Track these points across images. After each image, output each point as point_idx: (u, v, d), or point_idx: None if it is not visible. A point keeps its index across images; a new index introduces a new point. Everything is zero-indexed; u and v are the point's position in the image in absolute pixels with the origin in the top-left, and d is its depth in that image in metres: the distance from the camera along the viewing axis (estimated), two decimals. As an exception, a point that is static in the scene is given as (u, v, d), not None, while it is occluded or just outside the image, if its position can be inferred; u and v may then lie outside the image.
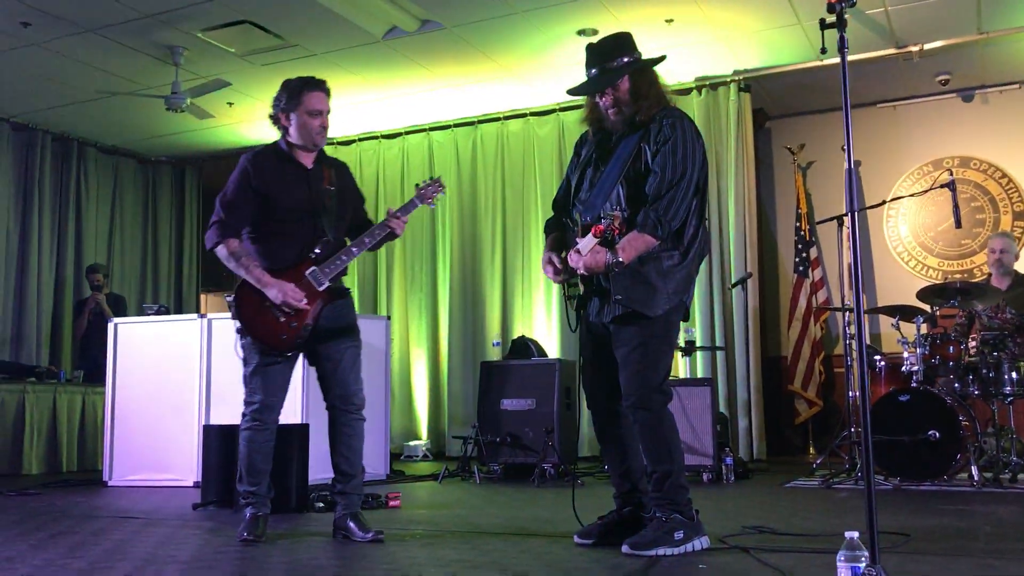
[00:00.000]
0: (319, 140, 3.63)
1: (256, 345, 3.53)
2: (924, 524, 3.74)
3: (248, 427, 3.60)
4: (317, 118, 3.58)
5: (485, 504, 4.97)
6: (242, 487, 3.62)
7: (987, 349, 5.40)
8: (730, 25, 6.89)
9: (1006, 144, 7.92)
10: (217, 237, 3.53)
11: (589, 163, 3.38)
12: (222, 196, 3.59)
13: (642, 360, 3.18)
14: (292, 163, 3.62)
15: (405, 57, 7.41)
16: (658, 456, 3.19)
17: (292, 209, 3.55)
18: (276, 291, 3.44)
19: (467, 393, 8.23)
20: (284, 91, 3.61)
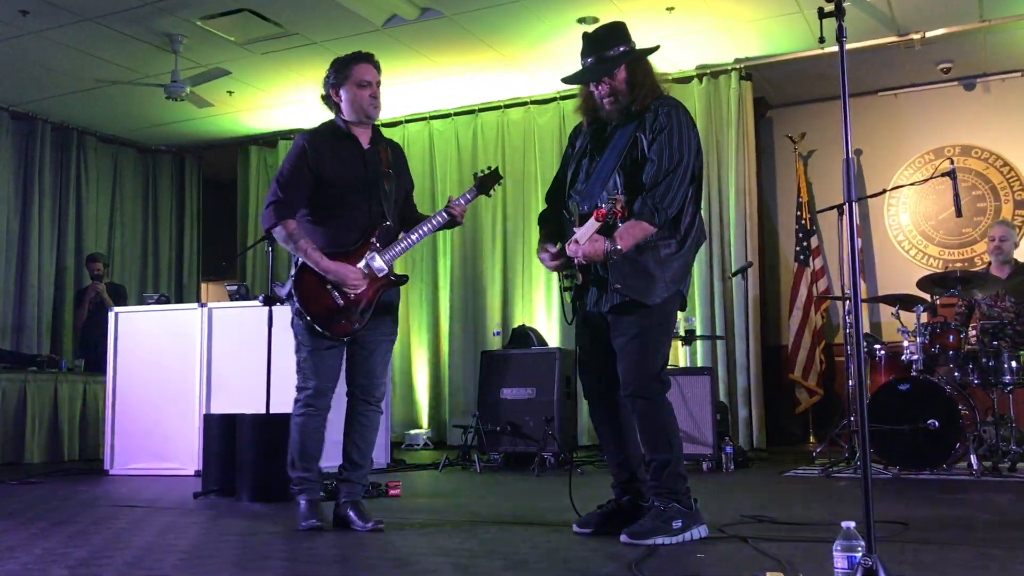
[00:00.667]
0: (371, 112, 3.59)
1: (311, 329, 3.47)
2: (922, 513, 3.74)
3: (301, 413, 3.54)
4: (367, 88, 3.55)
5: (485, 493, 4.98)
6: (295, 473, 3.56)
7: (987, 338, 5.40)
8: (731, 13, 6.86)
9: (1008, 132, 7.90)
10: (274, 218, 3.48)
11: (584, 154, 3.38)
12: (278, 176, 3.55)
13: (640, 349, 3.18)
14: (349, 140, 3.58)
15: (405, 46, 7.39)
16: (656, 445, 3.19)
17: (349, 189, 3.51)
18: (336, 275, 3.42)
19: (468, 382, 8.24)
20: (332, 68, 3.60)
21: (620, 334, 3.21)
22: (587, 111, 3.40)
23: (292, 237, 3.46)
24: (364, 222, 3.53)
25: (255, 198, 9.85)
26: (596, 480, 5.47)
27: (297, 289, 3.48)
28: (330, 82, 3.59)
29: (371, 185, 3.55)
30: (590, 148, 3.37)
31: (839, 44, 2.20)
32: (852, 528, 2.08)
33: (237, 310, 6.12)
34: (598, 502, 3.42)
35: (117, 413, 6.25)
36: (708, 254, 7.69)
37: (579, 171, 3.37)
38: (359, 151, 3.59)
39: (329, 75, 3.60)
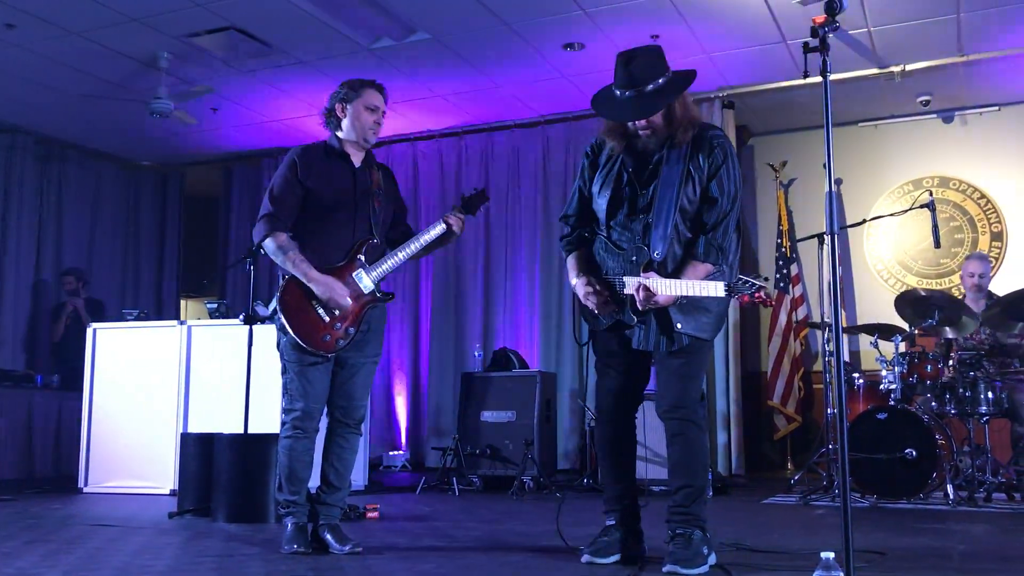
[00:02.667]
0: (371, 136, 3.63)
1: (297, 345, 3.45)
2: (899, 542, 3.76)
3: (289, 435, 3.51)
4: (373, 114, 3.60)
5: (464, 516, 4.96)
6: (282, 496, 3.54)
7: (964, 369, 5.45)
8: (715, 42, 6.94)
9: (985, 165, 8.01)
10: (266, 230, 3.49)
11: (620, 181, 3.20)
12: (269, 190, 3.57)
13: (692, 373, 3.21)
14: (341, 159, 3.61)
15: (391, 66, 7.41)
16: (695, 470, 3.19)
17: (338, 206, 3.53)
18: (323, 288, 3.42)
19: (447, 404, 8.21)
20: (345, 85, 3.64)
21: (671, 360, 3.18)
22: (618, 136, 3.23)
23: (282, 249, 3.46)
24: (351, 240, 3.54)
25: (237, 216, 9.82)
26: (576, 505, 5.46)
27: (282, 303, 3.47)
28: (339, 96, 3.61)
29: (360, 204, 3.56)
30: (630, 176, 3.20)
31: (823, 79, 2.23)
32: (831, 559, 2.09)
33: (217, 328, 6.09)
34: (584, 527, 3.42)
35: (92, 430, 6.19)
36: (689, 280, 7.73)
37: (619, 200, 3.20)
38: (350, 170, 3.61)
39: (340, 91, 3.63)
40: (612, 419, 3.36)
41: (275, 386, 3.83)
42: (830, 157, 2.23)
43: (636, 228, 3.16)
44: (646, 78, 3.12)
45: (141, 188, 10.28)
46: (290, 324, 3.44)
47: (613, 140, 3.24)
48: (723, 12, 6.45)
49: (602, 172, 3.26)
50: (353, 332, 3.50)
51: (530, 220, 8.45)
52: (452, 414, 7.08)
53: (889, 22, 6.52)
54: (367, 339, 3.59)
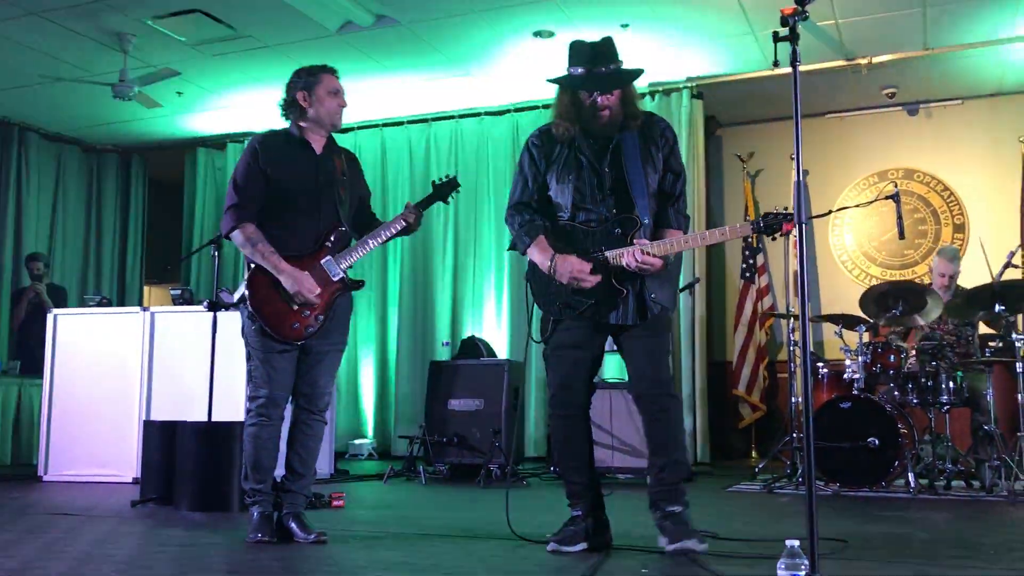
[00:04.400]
0: (337, 121, 3.61)
1: (264, 334, 3.43)
2: (862, 530, 3.80)
3: (254, 423, 3.48)
4: (337, 97, 3.59)
5: (430, 505, 4.95)
6: (248, 485, 3.50)
7: (926, 359, 5.52)
8: (684, 32, 6.95)
9: (948, 158, 8.11)
10: (233, 222, 3.47)
11: (581, 165, 3.26)
12: (233, 181, 3.54)
13: (666, 347, 3.32)
14: (303, 146, 3.58)
15: (359, 52, 7.35)
16: (676, 444, 3.26)
17: (303, 193, 3.51)
18: (292, 281, 3.40)
19: (415, 392, 8.19)
20: (302, 74, 3.59)
21: (645, 337, 3.25)
22: (570, 119, 3.27)
23: (250, 240, 3.44)
24: (318, 227, 3.52)
25: (202, 200, 9.70)
26: (541, 493, 5.47)
27: (251, 292, 3.44)
28: (299, 85, 3.56)
29: (325, 191, 3.54)
30: (589, 159, 3.26)
31: (793, 68, 2.23)
32: (796, 546, 2.10)
33: (181, 315, 6.02)
34: (550, 515, 3.42)
35: (53, 417, 6.09)
36: (657, 269, 7.75)
37: (582, 182, 3.25)
38: (313, 157, 3.58)
39: (297, 81, 3.58)
40: (577, 412, 3.36)
41: (240, 374, 3.80)
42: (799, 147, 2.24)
43: (608, 206, 3.24)
44: (615, 56, 3.24)
45: (104, 172, 10.12)
46: (258, 312, 3.42)
47: (566, 123, 3.28)
48: (692, 2, 6.46)
49: (558, 160, 3.30)
50: (321, 320, 3.48)
51: (499, 208, 8.42)
52: (419, 403, 7.05)
53: (856, 14, 6.58)
54: (332, 327, 3.55)
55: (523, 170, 3.38)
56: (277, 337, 3.42)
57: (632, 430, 5.99)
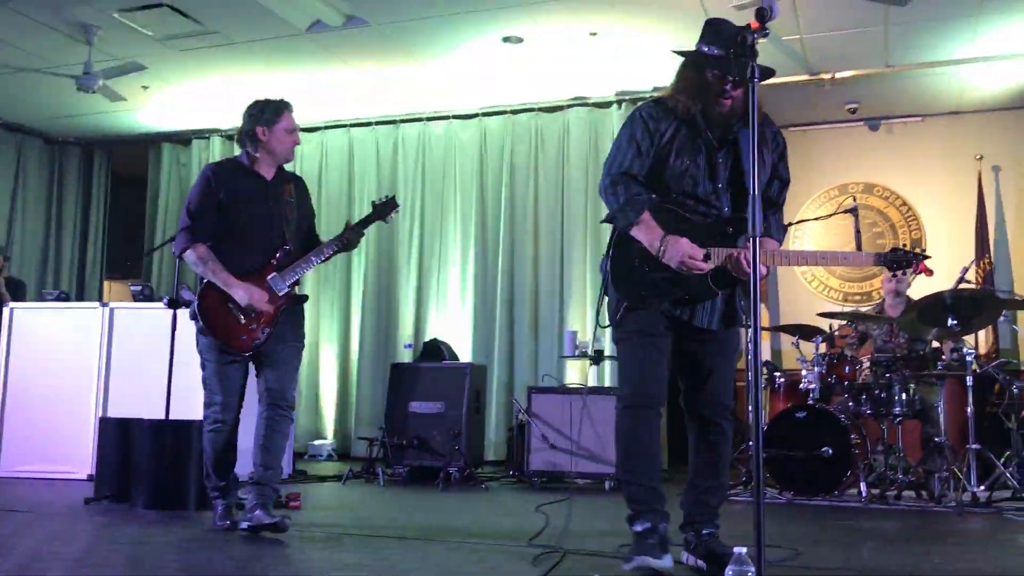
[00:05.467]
0: (291, 156, 3.93)
1: (215, 346, 3.71)
2: (814, 538, 3.87)
3: (211, 428, 3.76)
4: (292, 135, 3.89)
5: (388, 507, 4.95)
6: (211, 483, 3.83)
7: (879, 371, 5.61)
8: (651, 42, 7.01)
9: (907, 173, 8.26)
10: (186, 242, 3.73)
11: (695, 148, 3.00)
12: (187, 205, 3.80)
13: (735, 369, 3.16)
14: (253, 176, 3.85)
15: (328, 52, 7.33)
16: (726, 468, 3.14)
17: (254, 218, 3.78)
18: (243, 293, 3.66)
19: (376, 394, 8.17)
20: (260, 108, 3.85)
21: (725, 353, 3.09)
22: (693, 97, 2.99)
23: (203, 259, 3.70)
24: (266, 247, 3.79)
25: (166, 196, 9.60)
26: (500, 497, 5.49)
27: (201, 307, 3.71)
28: (260, 120, 3.83)
29: (273, 214, 3.82)
30: (708, 144, 3.00)
31: (751, 86, 2.28)
32: (743, 554, 2.14)
33: (140, 311, 5.96)
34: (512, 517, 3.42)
35: (7, 412, 6.00)
36: (620, 276, 7.81)
37: (697, 168, 2.99)
38: (263, 183, 3.86)
39: (256, 114, 3.85)
40: (656, 407, 3.01)
41: (197, 372, 3.85)
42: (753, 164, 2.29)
43: (722, 200, 3.02)
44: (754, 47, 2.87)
45: (66, 165, 9.99)
46: (209, 326, 3.70)
47: (688, 100, 2.99)
48: (660, 13, 6.52)
49: (676, 136, 3.00)
50: (268, 332, 3.73)
51: (465, 211, 8.44)
52: (380, 405, 7.04)
53: (820, 31, 6.68)
54: (284, 330, 3.80)
55: (635, 138, 3.03)
56: (227, 349, 3.70)
57: (592, 436, 6.03)
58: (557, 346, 7.70)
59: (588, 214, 7.95)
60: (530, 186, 8.25)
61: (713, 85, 2.94)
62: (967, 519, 4.77)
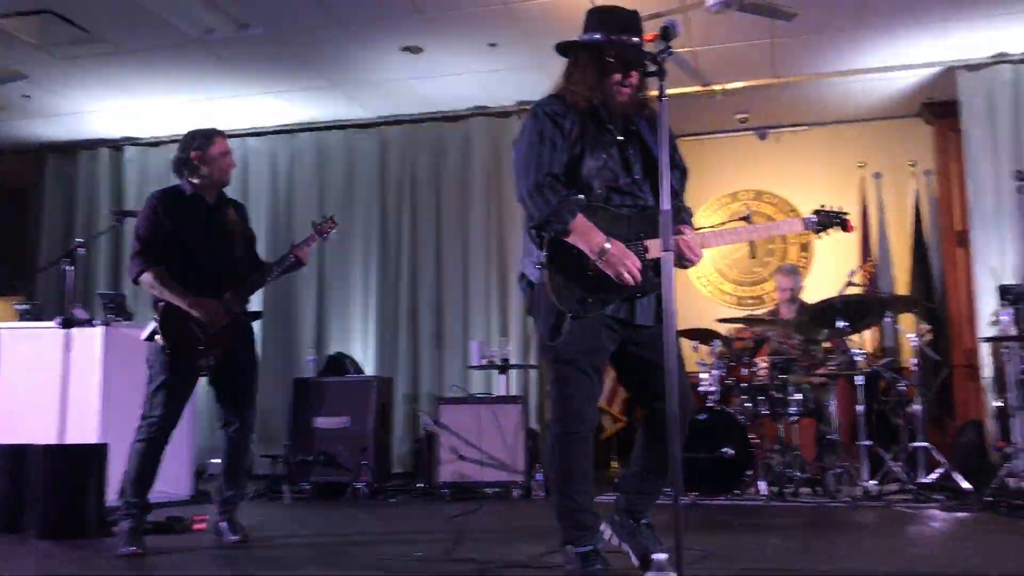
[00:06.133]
0: (227, 178, 4.12)
1: (168, 362, 3.82)
2: (721, 539, 3.98)
3: (143, 439, 3.83)
4: (228, 157, 4.10)
5: (296, 525, 4.86)
6: (124, 500, 3.83)
7: (775, 372, 5.83)
8: (551, 53, 7.05)
9: (795, 181, 8.59)
10: (141, 267, 3.89)
11: (605, 142, 2.97)
12: (137, 231, 3.95)
13: (683, 362, 3.07)
14: (197, 200, 4.04)
15: (222, 60, 7.16)
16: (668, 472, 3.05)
17: (202, 242, 3.97)
18: (205, 312, 3.85)
19: (278, 409, 7.97)
20: (194, 135, 4.08)
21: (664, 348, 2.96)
22: (591, 88, 2.97)
23: (160, 281, 3.87)
24: (217, 269, 3.97)
25: (50, 210, 9.18)
26: (411, 511, 5.46)
27: (163, 326, 3.84)
28: (194, 146, 4.03)
29: (219, 238, 4.02)
30: (615, 136, 2.98)
31: (660, 103, 2.34)
32: (664, 560, 2.19)
33: (28, 332, 5.69)
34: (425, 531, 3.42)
35: None
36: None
37: (614, 160, 2.95)
38: (207, 208, 4.05)
39: (192, 141, 4.05)
40: (592, 431, 2.94)
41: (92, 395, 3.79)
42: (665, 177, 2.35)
43: (644, 191, 3.00)
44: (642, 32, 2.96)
45: (-60, 177, 9.46)
46: (169, 344, 3.82)
47: (587, 92, 2.96)
48: (559, 25, 6.60)
49: (586, 132, 2.95)
50: (223, 351, 3.92)
51: (366, 221, 8.36)
52: (283, 420, 6.90)
53: (712, 43, 6.89)
54: (237, 356, 4.01)
55: (545, 135, 2.94)
56: (184, 366, 3.85)
57: (500, 444, 6.06)
58: (463, 356, 7.70)
59: (491, 223, 7.99)
60: (432, 195, 8.23)
61: (612, 73, 2.87)
62: (860, 512, 4.99)
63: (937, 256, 7.86)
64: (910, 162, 8.04)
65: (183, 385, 3.91)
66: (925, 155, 8.09)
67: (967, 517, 4.82)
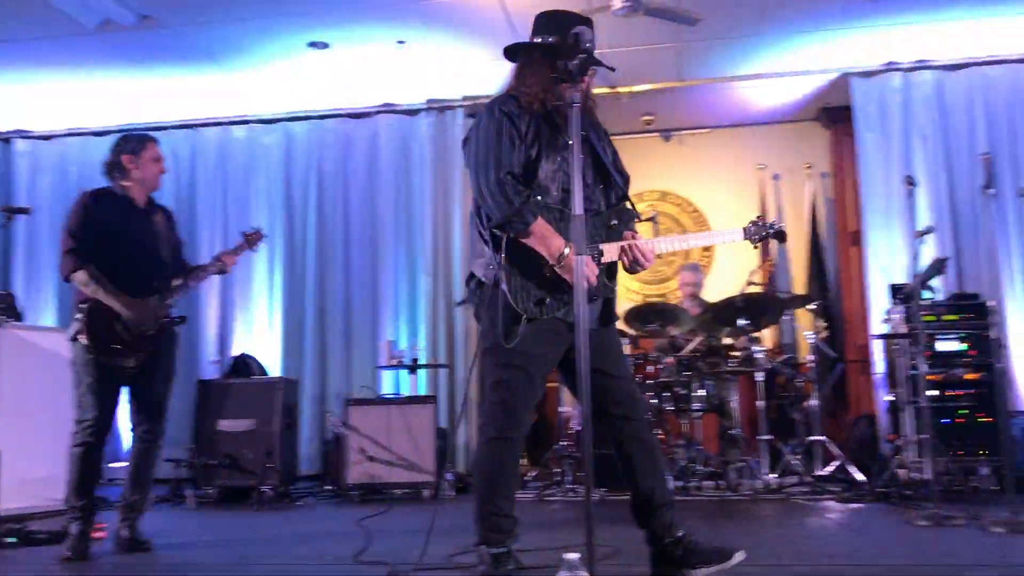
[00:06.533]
0: (158, 184, 4.18)
1: (97, 363, 3.84)
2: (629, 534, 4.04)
3: (79, 444, 3.86)
4: (159, 164, 4.16)
5: (201, 531, 4.76)
6: (68, 504, 3.87)
7: (680, 369, 5.97)
8: (459, 52, 7.10)
9: (697, 182, 8.80)
10: (73, 264, 3.90)
11: (559, 145, 2.99)
12: (69, 228, 3.96)
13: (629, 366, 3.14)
14: (128, 202, 4.08)
15: (120, 52, 6.93)
16: (664, 466, 3.07)
17: (131, 243, 4.00)
18: (132, 313, 3.88)
19: (181, 412, 7.74)
20: (128, 141, 4.13)
21: (617, 348, 3.07)
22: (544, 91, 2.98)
23: (93, 278, 3.88)
24: (145, 271, 4.01)
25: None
26: (319, 513, 5.39)
27: (87, 325, 3.85)
28: (127, 150, 4.09)
29: (148, 240, 4.07)
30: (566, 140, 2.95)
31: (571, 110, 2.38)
32: (575, 559, 2.22)
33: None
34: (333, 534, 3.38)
35: None
36: (433, 285, 7.83)
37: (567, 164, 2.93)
38: (137, 211, 4.10)
39: (125, 145, 4.11)
40: (520, 435, 2.95)
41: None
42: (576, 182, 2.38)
43: (597, 195, 3.04)
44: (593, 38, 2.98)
45: None
46: (94, 345, 3.84)
47: (541, 95, 2.97)
48: (468, 25, 6.62)
49: (541, 134, 2.96)
50: (148, 351, 3.95)
51: (269, 220, 8.19)
52: (186, 423, 6.72)
53: (619, 45, 6.99)
54: (159, 360, 4.05)
55: (503, 133, 2.92)
56: (110, 366, 3.86)
57: (409, 445, 6.03)
58: (372, 356, 7.64)
59: (400, 221, 7.94)
60: (339, 193, 8.13)
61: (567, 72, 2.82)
62: (761, 505, 5.15)
63: (832, 255, 8.17)
64: (807, 164, 8.32)
65: (110, 385, 3.92)
66: (821, 158, 8.39)
67: (861, 508, 5.02)
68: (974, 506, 4.80)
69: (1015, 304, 6.76)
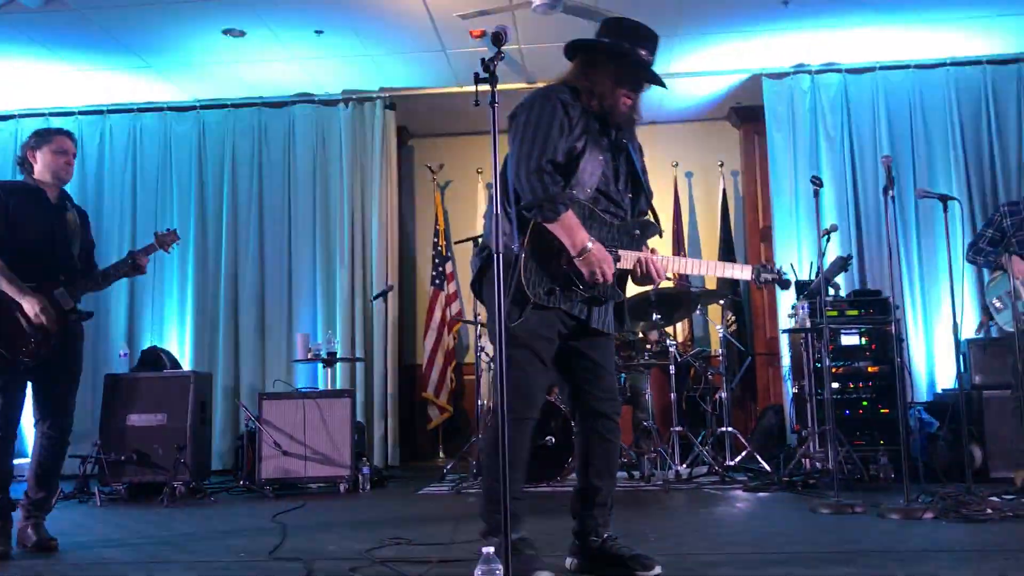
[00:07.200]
0: (64, 176, 4.13)
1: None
2: (542, 525, 4.11)
3: None
4: (63, 156, 4.11)
5: (108, 528, 4.64)
6: None
7: (596, 362, 6.05)
8: (378, 43, 7.06)
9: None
10: None
11: (602, 146, 3.03)
12: None
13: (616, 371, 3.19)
14: (39, 195, 4.08)
15: (24, 35, 6.68)
16: (616, 469, 3.17)
17: (40, 235, 3.99)
18: (34, 303, 3.83)
19: (87, 407, 7.55)
20: (34, 135, 4.13)
21: (611, 354, 3.14)
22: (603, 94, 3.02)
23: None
24: (52, 264, 3.99)
25: None
26: (234, 509, 5.31)
27: None
28: (29, 145, 4.10)
29: (58, 234, 4.05)
30: (610, 145, 3.05)
31: (491, 110, 2.41)
32: (492, 553, 2.26)
33: None
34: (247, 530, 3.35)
35: None
36: (351, 278, 7.78)
37: (607, 166, 3.02)
38: (49, 205, 4.08)
39: (29, 140, 4.12)
40: (535, 418, 3.02)
41: None
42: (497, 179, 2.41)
43: (627, 202, 3.09)
44: None
45: None
46: None
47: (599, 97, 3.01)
48: (387, 17, 6.59)
49: (589, 131, 2.99)
50: (54, 344, 3.90)
51: (183, 210, 8.02)
52: (93, 418, 6.53)
53: (536, 42, 7.05)
54: (66, 356, 4.01)
55: (554, 123, 2.93)
56: (11, 358, 3.80)
57: (324, 439, 5.99)
58: (287, 350, 7.55)
59: (317, 213, 7.86)
60: (254, 183, 8.00)
61: (623, 84, 2.97)
62: (673, 496, 5.28)
63: (742, 252, 8.39)
64: (719, 162, 8.53)
65: (15, 380, 3.87)
66: (733, 156, 8.61)
67: (767, 496, 5.20)
68: (873, 494, 5.01)
69: (913, 300, 7.08)
